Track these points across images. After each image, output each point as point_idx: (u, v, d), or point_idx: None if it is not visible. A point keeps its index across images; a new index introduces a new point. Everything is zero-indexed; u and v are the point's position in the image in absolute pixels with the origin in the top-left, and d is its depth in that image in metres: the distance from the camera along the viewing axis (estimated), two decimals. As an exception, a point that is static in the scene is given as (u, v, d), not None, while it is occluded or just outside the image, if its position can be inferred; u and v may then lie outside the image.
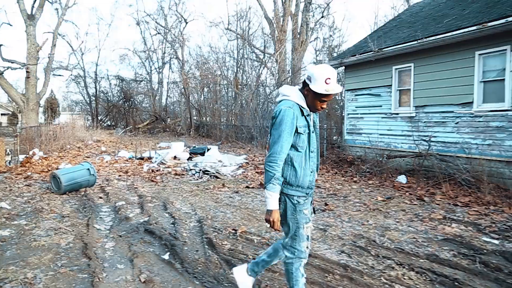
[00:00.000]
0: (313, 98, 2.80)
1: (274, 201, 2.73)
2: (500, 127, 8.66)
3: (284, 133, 2.70)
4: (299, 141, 2.79)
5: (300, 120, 2.78)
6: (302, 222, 2.88)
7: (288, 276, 3.00)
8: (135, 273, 3.96)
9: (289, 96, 2.84)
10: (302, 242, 2.92)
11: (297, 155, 2.81)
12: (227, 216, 6.21)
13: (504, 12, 8.22)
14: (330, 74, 2.72)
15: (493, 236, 5.26)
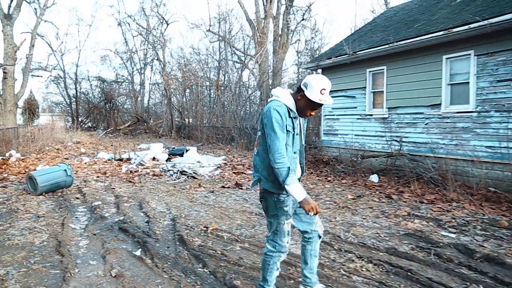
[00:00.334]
0: (305, 104, 2.98)
1: (300, 190, 2.86)
2: (465, 128, 9.03)
3: (277, 129, 2.87)
4: (287, 140, 2.95)
5: (288, 120, 2.95)
6: (282, 218, 3.05)
7: (264, 267, 3.18)
8: (107, 268, 4.12)
9: (279, 97, 3.03)
10: (283, 238, 3.09)
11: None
12: (200, 214, 6.40)
13: (467, 19, 8.58)
14: (325, 86, 2.92)
15: (451, 230, 5.56)
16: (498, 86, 8.39)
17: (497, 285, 3.79)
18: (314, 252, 3.34)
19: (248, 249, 4.73)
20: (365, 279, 3.87)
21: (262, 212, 6.41)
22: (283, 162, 2.83)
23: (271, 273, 3.15)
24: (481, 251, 4.68)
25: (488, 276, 3.99)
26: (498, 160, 8.24)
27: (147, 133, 31.00)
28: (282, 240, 3.09)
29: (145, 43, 37.11)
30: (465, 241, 5.10)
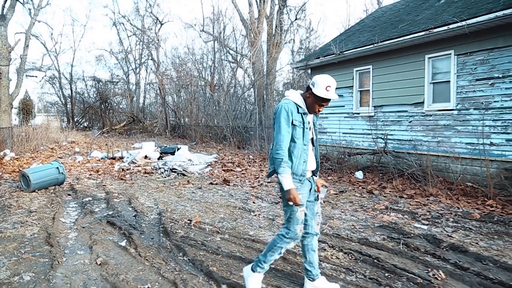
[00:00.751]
0: (314, 101, 3.29)
1: (288, 181, 3.14)
2: (447, 125, 9.32)
3: (282, 124, 3.20)
4: (295, 133, 3.25)
5: (296, 116, 3.25)
6: (296, 206, 3.29)
7: (270, 246, 3.41)
8: (93, 257, 4.38)
9: (289, 96, 3.37)
10: (296, 225, 3.31)
11: (293, 146, 3.26)
12: (186, 209, 6.67)
13: (447, 20, 8.86)
14: (330, 83, 3.22)
15: (424, 222, 5.85)
16: (476, 84, 8.68)
17: (456, 270, 4.07)
18: (311, 247, 3.57)
19: (227, 240, 5.00)
20: (333, 266, 4.14)
21: (246, 206, 6.73)
22: (281, 154, 3.15)
23: (273, 254, 3.39)
24: (448, 240, 4.96)
25: (449, 263, 4.27)
26: (477, 156, 8.53)
27: (142, 132, 31.21)
28: (295, 227, 3.31)
29: (139, 43, 37.31)
30: (435, 232, 5.38)
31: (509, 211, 6.45)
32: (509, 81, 8.07)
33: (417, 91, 10.03)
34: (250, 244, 4.80)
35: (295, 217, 3.29)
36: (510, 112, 8.06)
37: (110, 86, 38.90)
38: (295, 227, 3.31)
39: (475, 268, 4.09)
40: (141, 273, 3.98)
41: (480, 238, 5.13)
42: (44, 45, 36.63)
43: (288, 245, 3.38)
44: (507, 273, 4.01)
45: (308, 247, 3.56)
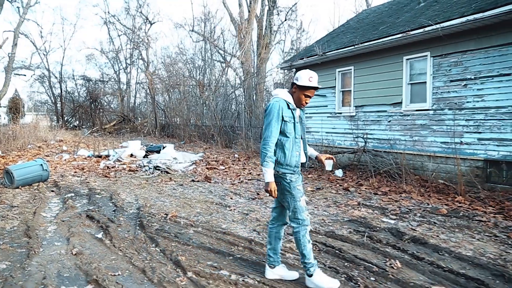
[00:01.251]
0: (299, 93, 3.54)
1: (269, 175, 3.41)
2: (423, 125, 9.60)
3: (272, 121, 3.44)
4: (287, 128, 3.49)
5: (286, 112, 3.50)
6: (298, 196, 3.54)
7: (297, 243, 3.62)
8: (69, 248, 4.58)
9: (278, 95, 3.62)
10: (302, 213, 3.55)
11: (286, 140, 3.51)
12: (164, 204, 6.88)
13: (423, 23, 9.14)
14: (312, 75, 3.52)
15: (391, 217, 6.10)
16: (451, 85, 8.98)
17: (412, 260, 4.31)
18: (278, 235, 3.84)
19: (200, 232, 5.22)
20: (297, 256, 4.36)
21: (222, 202, 6.96)
22: (266, 149, 3.41)
23: (305, 246, 3.56)
24: (411, 233, 5.21)
25: (408, 254, 4.52)
26: (450, 154, 8.82)
27: (132, 132, 31.30)
28: (302, 215, 3.55)
29: (129, 42, 37.38)
30: (401, 226, 5.63)
31: (475, 207, 6.72)
32: (480, 82, 8.37)
33: (396, 92, 10.31)
34: (221, 236, 5.02)
35: (299, 206, 3.55)
36: (481, 113, 8.35)
37: (100, 86, 38.92)
38: (302, 214, 3.55)
39: (430, 258, 4.34)
40: (113, 262, 4.19)
41: (442, 231, 5.39)
42: (34, 44, 36.43)
43: (307, 230, 3.59)
44: (460, 262, 4.26)
45: (276, 235, 3.81)
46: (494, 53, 8.15)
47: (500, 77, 8.03)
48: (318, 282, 3.53)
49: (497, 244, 4.90)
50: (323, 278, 3.56)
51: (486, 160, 8.31)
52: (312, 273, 3.55)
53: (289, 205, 3.58)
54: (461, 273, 3.96)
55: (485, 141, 8.29)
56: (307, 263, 3.58)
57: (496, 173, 8.15)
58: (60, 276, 3.83)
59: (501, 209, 6.59)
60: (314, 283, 3.55)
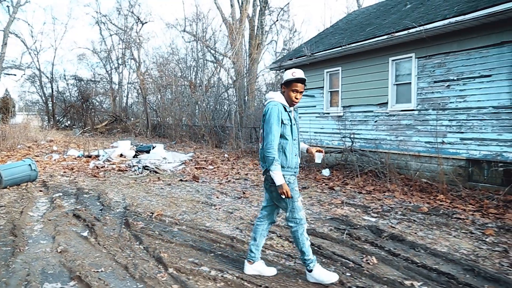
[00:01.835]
0: (288, 91, 3.64)
1: (280, 177, 3.51)
2: (408, 125, 9.77)
3: (273, 125, 3.53)
4: (286, 131, 3.61)
5: (284, 115, 3.60)
6: (296, 197, 3.65)
7: (296, 241, 3.74)
8: (54, 246, 4.68)
9: (273, 98, 3.71)
10: (299, 212, 3.67)
11: (285, 143, 3.63)
12: (151, 203, 6.98)
13: (408, 24, 9.31)
14: (294, 70, 3.65)
15: (373, 215, 6.25)
16: (434, 86, 9.15)
17: (388, 256, 4.45)
18: (264, 233, 3.96)
19: (184, 230, 5.33)
20: (276, 253, 4.50)
21: (208, 201, 7.08)
22: (272, 153, 3.49)
23: (304, 244, 3.70)
24: (390, 231, 5.35)
25: (384, 250, 4.66)
26: (434, 154, 8.98)
27: (124, 132, 31.28)
28: (299, 214, 3.67)
29: (121, 42, 37.33)
30: (381, 223, 5.78)
31: (456, 205, 6.89)
32: (463, 83, 8.55)
33: (382, 92, 10.48)
34: (204, 234, 5.14)
35: (296, 207, 3.66)
36: (464, 113, 8.53)
37: (92, 85, 38.81)
38: (299, 214, 3.68)
39: (406, 255, 4.48)
40: (97, 259, 4.29)
41: (420, 228, 5.55)
42: (24, 43, 36.24)
43: (304, 229, 3.71)
44: (434, 258, 4.41)
45: (262, 232, 3.93)
46: (475, 54, 8.33)
47: (481, 78, 8.22)
48: (318, 276, 3.69)
49: (471, 240, 5.06)
50: (323, 273, 3.71)
51: (468, 160, 8.49)
52: (311, 268, 3.71)
53: (287, 205, 3.68)
54: (434, 268, 4.10)
55: (467, 141, 8.47)
56: (306, 260, 3.72)
57: (477, 172, 8.33)
58: (44, 273, 3.93)
59: (480, 207, 6.76)
60: (314, 278, 3.71)
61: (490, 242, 4.98)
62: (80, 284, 3.66)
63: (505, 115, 7.84)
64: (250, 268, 3.89)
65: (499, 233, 5.35)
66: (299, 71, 3.65)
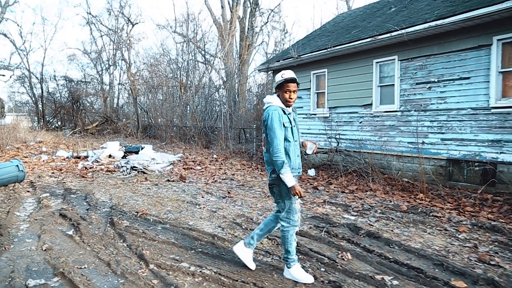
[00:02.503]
0: (281, 93, 3.74)
1: (291, 179, 3.59)
2: (392, 126, 9.99)
3: (277, 130, 3.61)
4: (287, 133, 3.70)
5: (284, 118, 3.70)
6: (294, 198, 3.74)
7: (284, 241, 3.86)
8: (40, 244, 4.81)
9: (272, 103, 3.81)
10: (295, 214, 3.79)
11: (288, 145, 3.71)
12: (137, 203, 7.11)
13: (390, 28, 9.53)
14: (284, 71, 3.77)
15: (353, 214, 6.43)
16: (416, 88, 9.37)
17: (362, 253, 4.64)
18: (272, 229, 4.10)
19: (167, 229, 5.48)
20: (255, 250, 4.66)
21: (193, 200, 7.21)
22: (280, 156, 3.57)
23: (291, 244, 3.84)
24: (367, 229, 5.54)
25: (360, 247, 4.84)
26: (416, 154, 9.20)
27: (115, 133, 31.28)
28: (294, 216, 3.80)
29: (110, 43, 37.33)
30: (360, 221, 5.96)
31: (435, 204, 7.10)
32: (443, 85, 8.78)
33: (367, 94, 10.69)
34: (187, 232, 5.29)
35: (294, 208, 3.79)
36: (444, 114, 8.76)
37: (82, 86, 38.71)
38: (294, 216, 3.80)
39: (380, 251, 4.67)
40: (81, 256, 4.43)
41: (397, 226, 5.74)
42: (14, 43, 36.06)
43: (293, 231, 3.85)
44: (407, 254, 4.60)
45: (269, 228, 4.07)
46: (454, 57, 8.56)
47: (460, 80, 8.45)
48: (296, 274, 3.85)
49: (445, 237, 5.26)
50: (301, 273, 3.86)
51: (449, 159, 8.72)
52: (291, 266, 3.87)
53: (285, 206, 3.81)
54: (405, 263, 4.29)
55: (448, 141, 8.70)
56: (289, 259, 3.87)
57: (457, 172, 8.56)
58: (29, 270, 4.06)
59: (458, 206, 6.98)
60: (291, 275, 3.86)
61: (462, 239, 5.18)
62: (63, 280, 3.80)
63: (482, 116, 8.08)
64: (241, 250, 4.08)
65: (472, 230, 5.56)
66: (288, 72, 3.76)
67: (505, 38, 7.71)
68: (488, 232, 5.49)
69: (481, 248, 4.83)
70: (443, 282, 3.82)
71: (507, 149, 7.69)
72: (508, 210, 6.60)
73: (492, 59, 7.90)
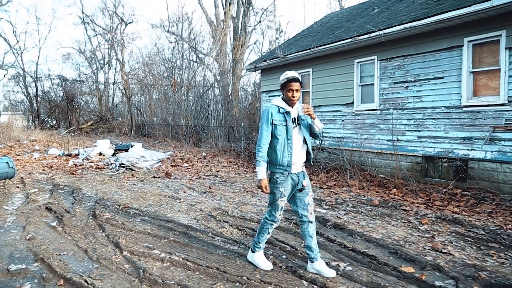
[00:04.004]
0: (285, 92, 3.88)
1: (261, 173, 3.80)
2: (372, 124, 10.33)
3: (263, 126, 3.87)
4: (276, 131, 3.82)
5: (276, 116, 3.84)
6: (277, 196, 3.90)
7: (260, 229, 4.10)
8: (24, 234, 5.12)
9: (272, 101, 4.05)
10: (276, 211, 3.97)
11: (276, 142, 3.83)
12: (121, 197, 7.43)
13: (369, 28, 9.86)
14: (287, 72, 3.91)
15: (325, 207, 6.76)
16: (395, 87, 9.71)
17: (325, 242, 4.97)
18: (308, 233, 4.03)
19: (145, 220, 5.81)
20: (225, 239, 4.99)
21: (175, 195, 7.54)
22: (258, 151, 3.83)
23: (263, 235, 4.09)
24: (334, 221, 5.87)
25: (323, 237, 5.17)
26: (394, 151, 9.54)
27: (109, 132, 31.55)
28: (275, 212, 3.98)
29: (105, 43, 37.59)
30: (330, 214, 6.29)
31: (407, 198, 7.44)
32: (419, 84, 9.12)
33: (348, 93, 11.03)
34: (163, 224, 5.62)
35: (276, 204, 3.95)
36: (420, 112, 9.10)
37: (77, 85, 38.95)
38: (275, 212, 3.98)
39: (341, 240, 5.00)
40: (61, 244, 4.75)
41: (364, 219, 6.07)
42: (8, 42, 36.27)
43: (272, 226, 4.04)
44: (366, 243, 4.93)
45: (305, 233, 4.11)
46: (430, 58, 8.90)
47: (434, 80, 8.79)
48: (257, 260, 4.12)
49: (407, 228, 5.59)
50: (261, 260, 4.13)
51: (424, 156, 9.06)
52: (255, 251, 4.16)
53: (270, 200, 4.03)
54: (362, 251, 4.62)
55: (423, 139, 9.04)
56: (257, 244, 4.13)
57: (432, 168, 8.91)
58: (12, 256, 4.38)
59: (428, 200, 7.32)
60: (253, 260, 4.15)
61: (422, 230, 5.52)
62: (43, 265, 4.12)
63: (455, 114, 8.42)
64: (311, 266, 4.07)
65: (435, 222, 5.89)
66: (291, 72, 3.94)
67: (475, 40, 8.06)
68: (449, 224, 5.83)
69: (438, 238, 5.17)
70: (393, 268, 4.15)
71: (477, 146, 8.04)
72: (474, 204, 6.96)
73: (463, 60, 8.24)
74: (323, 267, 4.01)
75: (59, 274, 3.85)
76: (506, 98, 7.58)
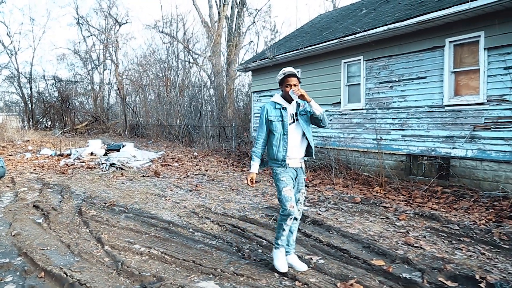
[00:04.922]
0: (283, 88, 3.93)
1: (252, 167, 3.99)
2: (358, 123, 10.50)
3: (260, 123, 4.01)
4: (272, 126, 3.91)
5: (272, 112, 3.92)
6: (281, 187, 3.87)
7: (277, 226, 4.00)
8: (10, 231, 5.26)
9: (270, 98, 4.20)
10: (286, 202, 3.82)
11: (272, 137, 3.93)
12: (108, 195, 7.58)
13: (355, 29, 10.04)
14: (284, 68, 3.98)
15: (307, 204, 6.93)
16: (380, 87, 9.89)
17: (302, 237, 5.13)
18: (289, 228, 4.04)
19: (129, 217, 5.96)
20: (204, 234, 5.15)
21: (161, 193, 7.69)
22: (255, 146, 3.99)
23: (280, 231, 3.94)
24: (313, 217, 6.03)
25: (301, 232, 5.32)
26: (379, 150, 9.72)
27: (104, 132, 31.62)
28: (285, 204, 3.83)
29: (99, 43, 37.68)
30: (310, 211, 6.46)
31: (389, 196, 7.62)
32: (403, 84, 9.30)
33: (336, 93, 11.20)
34: (146, 220, 5.78)
35: (283, 196, 3.86)
36: (404, 112, 9.28)
37: (72, 86, 38.99)
38: (285, 203, 3.83)
39: (317, 236, 5.16)
40: (45, 240, 4.89)
41: (343, 215, 6.24)
42: (2, 43, 36.29)
43: (286, 221, 3.87)
44: (342, 238, 5.10)
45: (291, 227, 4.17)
46: (413, 58, 9.08)
47: (418, 80, 8.97)
48: (274, 257, 4.04)
49: (383, 224, 5.76)
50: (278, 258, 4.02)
51: (408, 155, 9.24)
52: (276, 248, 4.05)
53: (278, 195, 4.05)
54: (336, 246, 4.78)
55: (407, 138, 9.22)
56: (276, 241, 4.04)
57: (415, 167, 9.09)
58: (-4, 252, 4.53)
59: (409, 197, 7.50)
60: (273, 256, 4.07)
61: (399, 225, 5.69)
62: (26, 259, 4.26)
63: (437, 113, 8.61)
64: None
65: (412, 218, 6.06)
66: (288, 68, 4.03)
67: (456, 40, 8.24)
68: (425, 220, 6.00)
69: (412, 233, 5.34)
70: (363, 261, 4.31)
71: (459, 145, 8.22)
72: (453, 201, 7.13)
73: (445, 60, 8.43)
74: (295, 261, 4.13)
75: (41, 267, 4.00)
76: (485, 98, 7.76)
